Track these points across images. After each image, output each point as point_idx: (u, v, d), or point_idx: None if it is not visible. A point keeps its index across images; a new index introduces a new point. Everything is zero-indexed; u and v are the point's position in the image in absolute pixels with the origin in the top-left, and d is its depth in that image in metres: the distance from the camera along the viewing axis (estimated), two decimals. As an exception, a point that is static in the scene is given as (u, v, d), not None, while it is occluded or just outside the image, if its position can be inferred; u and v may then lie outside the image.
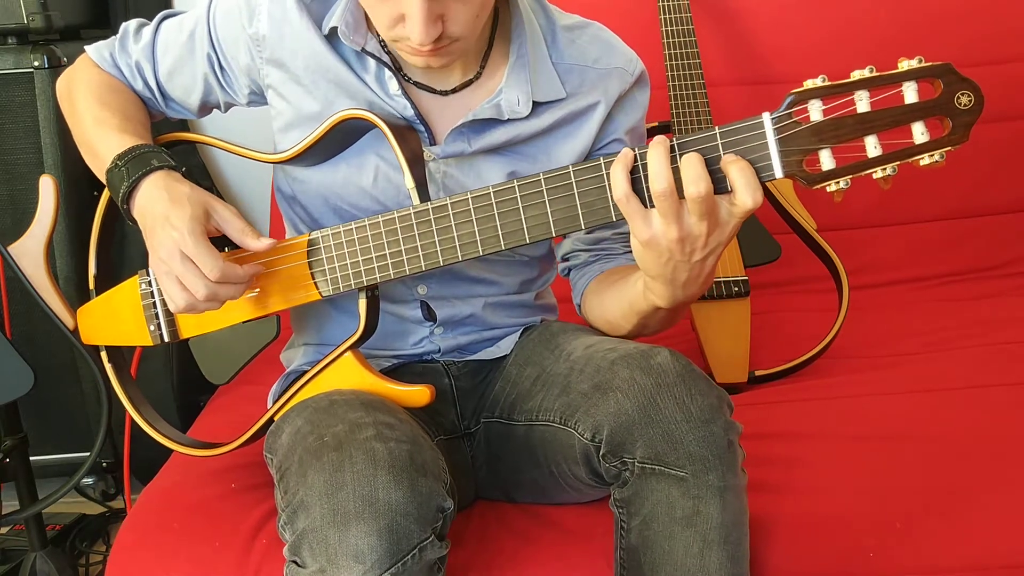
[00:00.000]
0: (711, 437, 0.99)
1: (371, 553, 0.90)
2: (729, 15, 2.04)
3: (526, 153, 1.17)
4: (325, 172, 1.16)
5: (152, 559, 1.20)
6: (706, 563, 1.01)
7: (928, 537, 1.18)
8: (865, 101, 0.87)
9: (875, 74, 0.87)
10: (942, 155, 0.87)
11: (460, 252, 1.03)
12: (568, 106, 1.16)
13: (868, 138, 0.87)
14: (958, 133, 0.87)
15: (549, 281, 1.34)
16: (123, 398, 1.26)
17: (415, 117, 1.13)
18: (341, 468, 0.94)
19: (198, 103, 1.24)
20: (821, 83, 0.88)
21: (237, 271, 1.04)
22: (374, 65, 1.13)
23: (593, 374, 1.08)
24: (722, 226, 0.94)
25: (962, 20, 2.04)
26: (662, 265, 0.98)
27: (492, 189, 1.00)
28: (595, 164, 0.96)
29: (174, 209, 1.03)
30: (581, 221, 0.98)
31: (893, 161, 0.87)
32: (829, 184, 0.89)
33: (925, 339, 1.76)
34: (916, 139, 0.87)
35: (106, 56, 1.24)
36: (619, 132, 1.20)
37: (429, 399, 1.11)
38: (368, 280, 1.08)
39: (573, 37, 1.17)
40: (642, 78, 1.21)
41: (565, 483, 1.15)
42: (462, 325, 1.24)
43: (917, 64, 0.86)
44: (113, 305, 1.24)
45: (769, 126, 0.90)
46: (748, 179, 0.91)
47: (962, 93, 0.86)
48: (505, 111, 1.12)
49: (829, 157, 0.88)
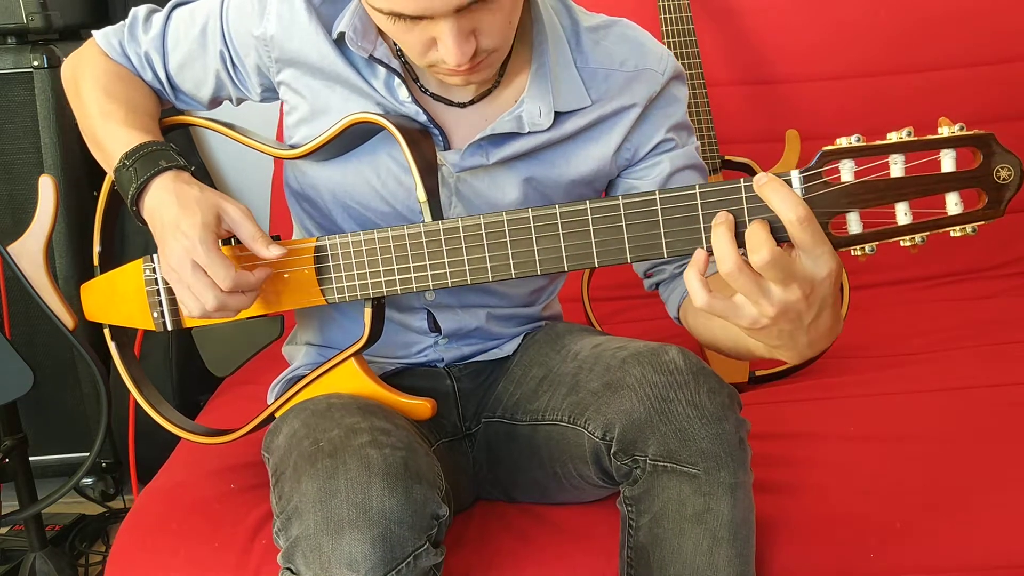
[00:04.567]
0: (723, 434, 1.00)
1: (365, 561, 0.90)
2: (729, 15, 2.04)
3: (543, 159, 1.13)
4: (336, 170, 1.14)
5: (152, 559, 1.20)
6: (715, 560, 1.01)
7: (928, 537, 1.18)
8: (900, 165, 0.82)
9: (913, 138, 0.82)
10: (974, 228, 0.83)
11: (469, 276, 1.00)
12: (593, 113, 1.11)
13: (899, 204, 0.83)
14: (993, 207, 0.83)
15: (558, 290, 1.32)
16: (125, 377, 1.24)
17: (428, 122, 1.10)
18: (335, 475, 0.93)
19: (209, 97, 1.21)
20: (856, 143, 0.82)
21: (249, 279, 1.02)
22: (383, 72, 1.10)
23: (603, 372, 1.07)
24: (812, 280, 0.84)
25: (962, 20, 2.03)
26: (775, 338, 0.89)
27: (506, 216, 0.97)
28: (613, 203, 0.92)
29: (184, 215, 1.01)
30: (595, 259, 0.94)
31: (923, 231, 0.83)
32: (854, 248, 0.85)
33: (925, 339, 1.76)
34: (949, 210, 0.83)
35: (115, 44, 1.20)
36: (660, 132, 1.14)
37: (431, 414, 1.11)
38: (375, 292, 1.06)
39: (598, 38, 1.12)
40: (676, 74, 1.15)
41: (569, 483, 1.15)
42: (467, 337, 1.24)
43: (959, 131, 0.82)
44: (117, 286, 1.22)
45: (798, 184, 0.85)
46: (784, 197, 0.83)
47: (1002, 167, 0.82)
48: (526, 124, 1.08)
49: (857, 221, 0.84)
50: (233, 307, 1.04)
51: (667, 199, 0.90)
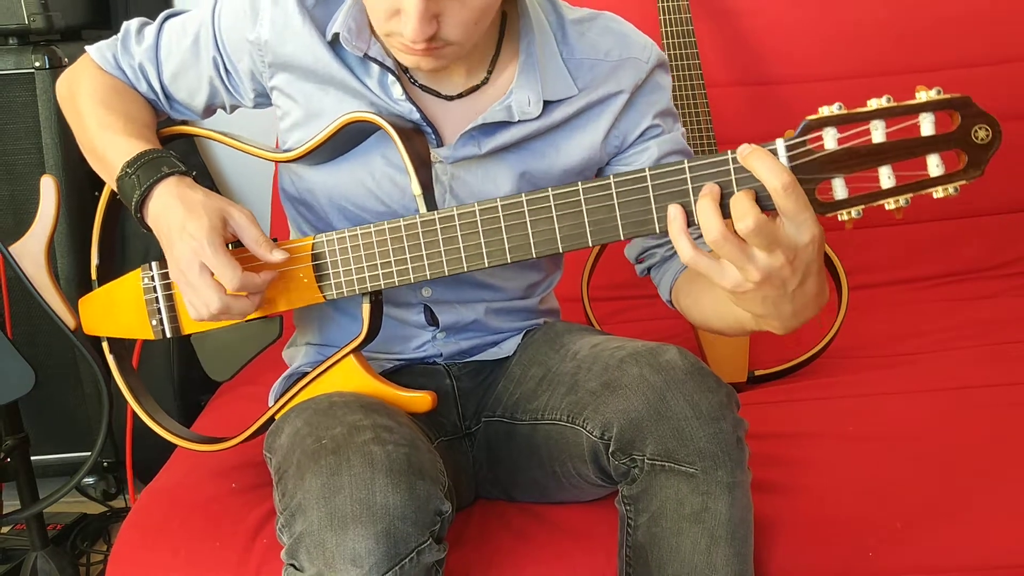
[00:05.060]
0: (721, 434, 1.00)
1: (368, 556, 0.90)
2: (729, 15, 2.04)
3: (534, 149, 1.15)
4: (330, 173, 1.16)
5: (152, 559, 1.20)
6: (713, 560, 1.02)
7: (928, 537, 1.18)
8: (881, 131, 0.84)
9: (892, 104, 0.84)
10: (956, 188, 0.85)
11: (465, 263, 1.02)
12: (580, 101, 1.14)
13: (882, 168, 0.85)
14: (974, 168, 0.85)
15: (554, 284, 1.33)
16: (124, 389, 1.25)
17: (421, 120, 1.12)
18: (339, 471, 0.94)
19: (203, 105, 1.23)
20: (837, 111, 0.85)
21: (255, 280, 1.04)
22: (377, 71, 1.11)
23: (601, 372, 1.08)
24: (796, 246, 0.86)
25: (963, 20, 2.03)
26: (760, 305, 0.91)
27: (500, 202, 0.99)
28: (605, 183, 0.94)
29: (191, 219, 1.02)
30: (589, 239, 0.96)
31: (906, 193, 0.85)
32: (840, 213, 0.87)
33: (925, 339, 1.76)
34: (931, 172, 0.85)
35: (108, 57, 1.22)
36: (647, 119, 1.17)
37: (431, 406, 1.12)
38: (372, 286, 1.07)
39: (583, 30, 1.15)
40: (660, 63, 1.18)
41: (568, 482, 1.15)
42: (465, 331, 1.24)
43: (936, 95, 0.84)
44: (115, 297, 1.23)
45: (783, 152, 0.87)
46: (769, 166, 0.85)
47: (980, 127, 0.84)
48: (516, 113, 1.10)
49: (842, 186, 0.87)
50: (237, 310, 1.05)
51: (657, 175, 0.92)
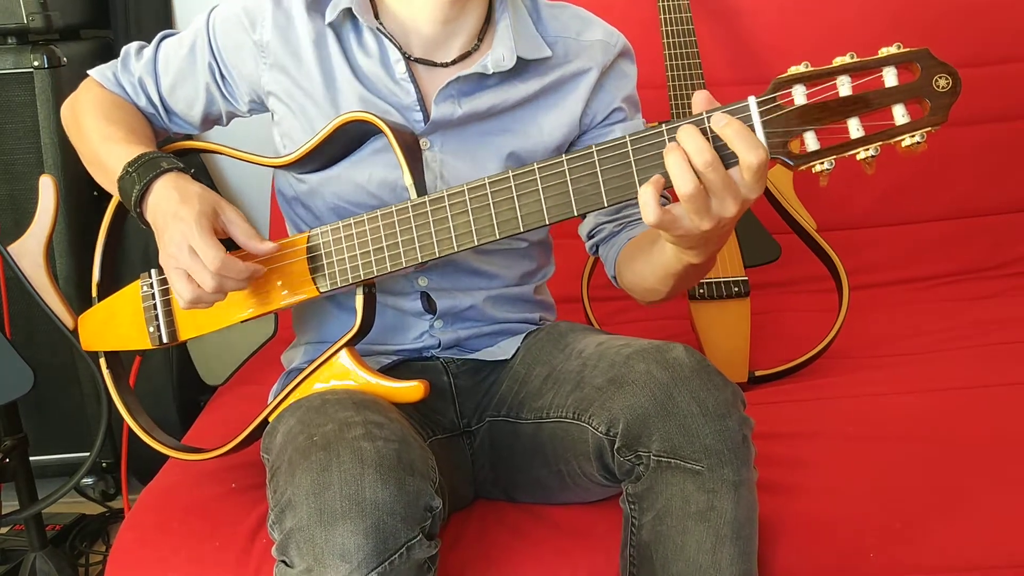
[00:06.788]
0: (726, 431, 1.00)
1: (357, 552, 0.91)
2: (729, 15, 2.05)
3: (515, 130, 1.20)
4: (325, 173, 1.18)
5: (152, 559, 1.20)
6: (718, 558, 1.02)
7: (928, 537, 1.18)
8: (847, 85, 0.89)
9: (856, 60, 0.90)
10: (923, 135, 0.89)
11: (456, 243, 1.04)
12: (554, 72, 1.21)
13: (851, 120, 0.90)
14: (937, 114, 0.89)
15: (548, 275, 1.34)
16: (120, 407, 1.27)
17: (416, 103, 1.17)
18: (328, 467, 0.94)
19: (200, 115, 1.27)
20: (804, 69, 0.90)
21: (238, 265, 1.06)
22: (378, 52, 1.16)
23: (607, 369, 1.08)
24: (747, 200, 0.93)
25: (963, 20, 2.04)
26: (692, 243, 0.98)
27: (488, 180, 1.02)
28: (587, 152, 0.98)
29: (184, 206, 1.06)
30: (574, 208, 0.99)
31: (875, 142, 0.90)
32: (814, 165, 0.91)
33: (925, 339, 1.76)
34: (897, 120, 0.89)
35: (109, 76, 1.27)
36: (615, 101, 1.24)
37: (423, 394, 1.12)
38: (365, 275, 1.09)
39: (556, 14, 1.24)
40: (626, 51, 1.26)
41: (572, 481, 1.16)
42: (462, 319, 1.25)
43: (896, 50, 0.89)
44: (115, 309, 1.25)
45: (755, 109, 0.91)
46: (744, 137, 0.90)
47: (940, 76, 0.89)
48: (491, 66, 1.16)
49: (813, 139, 0.91)
50: (227, 288, 1.07)
51: (636, 139, 0.96)
